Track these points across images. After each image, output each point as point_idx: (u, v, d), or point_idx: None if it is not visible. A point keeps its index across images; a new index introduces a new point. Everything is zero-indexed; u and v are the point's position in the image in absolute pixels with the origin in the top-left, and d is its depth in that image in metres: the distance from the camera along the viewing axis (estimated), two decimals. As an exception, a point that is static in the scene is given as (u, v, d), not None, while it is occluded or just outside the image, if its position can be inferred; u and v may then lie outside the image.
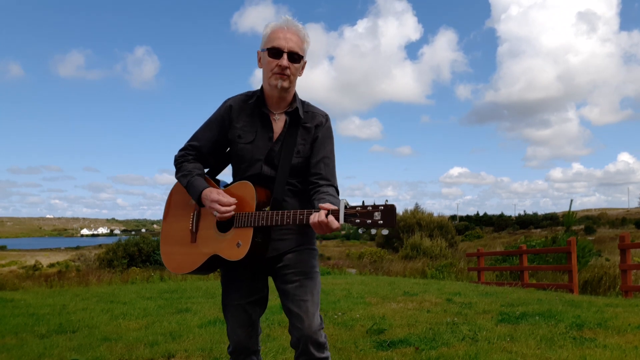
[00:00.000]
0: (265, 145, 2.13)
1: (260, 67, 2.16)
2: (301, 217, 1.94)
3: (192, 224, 2.19)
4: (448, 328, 4.60)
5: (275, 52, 2.06)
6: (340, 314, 5.52)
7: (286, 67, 2.05)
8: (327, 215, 1.85)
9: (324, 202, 1.95)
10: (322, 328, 2.13)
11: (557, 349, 3.77)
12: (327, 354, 2.12)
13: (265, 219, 2.00)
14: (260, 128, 2.14)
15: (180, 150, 2.25)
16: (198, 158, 2.23)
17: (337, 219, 1.84)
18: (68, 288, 10.42)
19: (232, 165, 2.27)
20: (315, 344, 2.06)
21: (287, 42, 2.06)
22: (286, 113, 2.16)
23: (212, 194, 2.07)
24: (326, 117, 2.22)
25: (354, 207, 1.84)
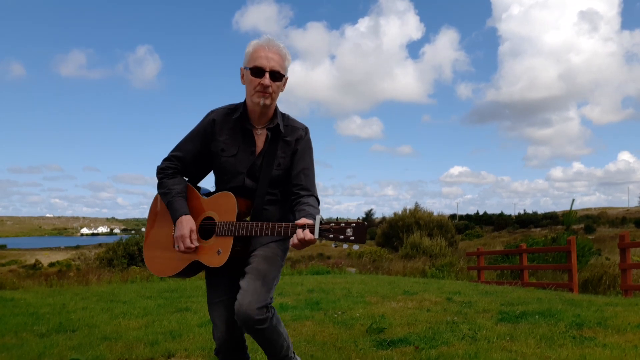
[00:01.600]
0: (248, 158, 2.24)
1: (244, 84, 2.25)
2: (279, 229, 2.06)
3: (174, 230, 2.27)
4: (448, 327, 4.60)
5: (257, 71, 2.15)
6: (340, 313, 5.52)
7: (268, 86, 2.15)
8: (303, 230, 1.97)
9: (303, 214, 2.09)
10: (269, 306, 2.14)
11: (557, 348, 3.77)
12: (263, 325, 2.10)
13: (245, 229, 2.12)
14: (242, 142, 2.25)
15: (164, 161, 2.34)
16: (179, 169, 2.32)
17: (313, 232, 1.96)
18: (68, 287, 10.42)
19: (215, 175, 2.36)
20: (250, 320, 2.07)
21: (268, 62, 2.15)
22: (268, 129, 2.26)
23: (184, 228, 2.17)
24: (305, 131, 2.34)
25: (328, 223, 1.96)
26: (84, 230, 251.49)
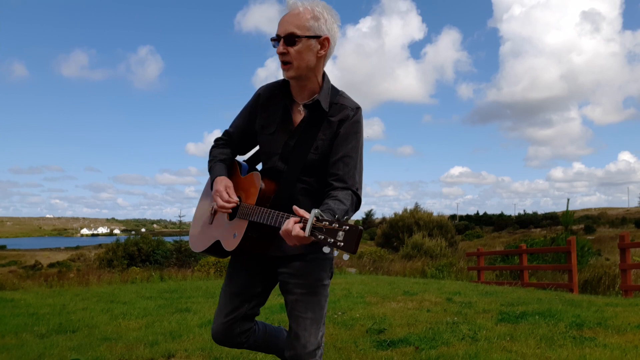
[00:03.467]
0: (283, 138, 1.99)
1: None
2: (281, 219, 1.76)
3: (213, 205, 2.18)
4: (448, 327, 4.60)
5: (274, 41, 1.91)
6: (340, 313, 5.52)
7: (283, 53, 1.87)
8: (295, 222, 1.65)
9: (323, 208, 1.78)
10: (320, 347, 2.00)
11: (557, 348, 3.77)
12: None
13: (256, 215, 1.88)
14: (281, 120, 2.01)
15: (218, 138, 2.26)
16: (228, 144, 2.21)
17: (304, 228, 1.62)
18: (68, 288, 10.41)
19: (260, 154, 2.19)
20: None
21: (282, 26, 1.88)
22: (306, 105, 1.98)
23: (219, 184, 2.03)
24: (355, 111, 1.98)
25: (325, 220, 1.60)
26: (84, 231, 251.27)
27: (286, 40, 1.86)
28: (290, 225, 1.65)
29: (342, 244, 1.53)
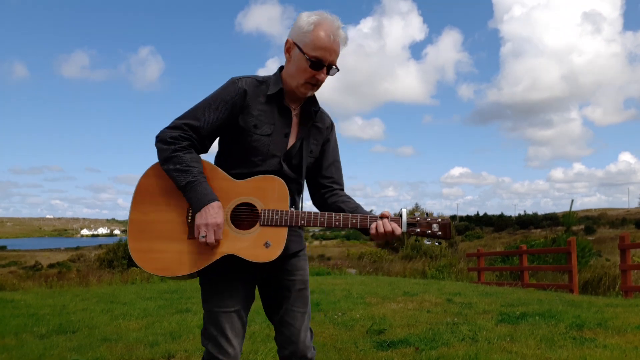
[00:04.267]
0: (281, 140, 1.96)
1: (288, 59, 1.97)
2: (354, 221, 1.88)
3: (189, 216, 1.88)
4: (448, 328, 4.60)
5: (317, 64, 1.90)
6: (340, 314, 5.52)
7: (323, 80, 1.94)
8: (390, 221, 1.86)
9: (352, 206, 2.00)
10: (312, 340, 2.08)
11: (557, 349, 3.76)
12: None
13: (307, 219, 1.87)
14: (278, 122, 1.96)
15: (171, 129, 1.89)
16: (193, 143, 1.91)
17: (400, 226, 1.87)
18: (68, 288, 10.42)
19: (236, 155, 1.97)
20: (305, 359, 2.01)
21: (330, 55, 1.90)
22: (303, 111, 2.02)
23: (218, 216, 1.80)
24: (331, 119, 2.14)
25: (415, 217, 1.91)
26: (84, 232, 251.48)
27: (328, 68, 1.92)
28: (389, 226, 1.84)
29: (440, 233, 1.88)
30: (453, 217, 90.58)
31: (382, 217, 1.87)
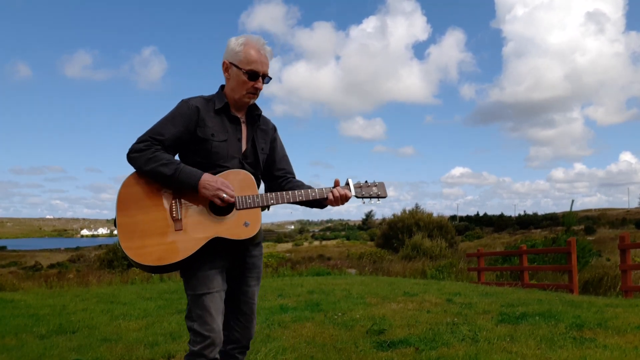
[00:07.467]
0: (237, 144, 2.34)
1: (227, 77, 2.35)
2: (313, 194, 2.30)
3: (177, 211, 2.15)
4: (448, 328, 4.60)
5: (253, 75, 2.29)
6: (340, 314, 5.52)
7: (261, 89, 2.35)
8: (342, 188, 2.31)
9: (307, 187, 2.40)
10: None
11: (557, 349, 3.76)
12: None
13: (275, 198, 2.25)
14: (231, 129, 2.34)
15: (140, 142, 2.18)
16: (163, 149, 2.22)
17: (350, 191, 2.34)
18: (68, 289, 10.42)
19: (201, 162, 2.26)
20: (249, 345, 2.45)
21: (262, 67, 2.31)
22: (249, 117, 2.42)
23: (218, 178, 2.18)
24: (273, 123, 2.57)
25: (359, 183, 2.39)
26: (84, 232, 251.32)
27: (263, 78, 2.33)
28: (342, 191, 2.30)
29: (380, 192, 2.37)
30: (453, 217, 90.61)
31: (335, 185, 2.32)
